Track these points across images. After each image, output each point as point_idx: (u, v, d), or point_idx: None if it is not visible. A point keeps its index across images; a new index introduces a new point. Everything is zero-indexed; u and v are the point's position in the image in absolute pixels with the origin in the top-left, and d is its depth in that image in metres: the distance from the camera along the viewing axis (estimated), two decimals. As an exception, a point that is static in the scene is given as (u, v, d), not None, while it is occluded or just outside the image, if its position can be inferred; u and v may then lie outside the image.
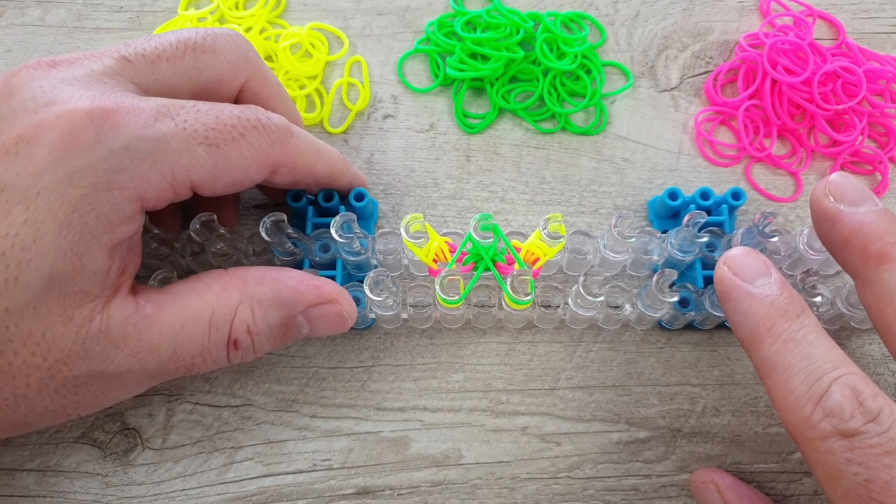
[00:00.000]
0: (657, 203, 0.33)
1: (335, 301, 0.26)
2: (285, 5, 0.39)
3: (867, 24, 0.39)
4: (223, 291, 0.24)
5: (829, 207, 0.24)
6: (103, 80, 0.23)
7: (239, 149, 0.24)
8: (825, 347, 0.22)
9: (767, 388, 0.22)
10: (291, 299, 0.25)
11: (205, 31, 0.26)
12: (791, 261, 0.31)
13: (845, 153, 0.35)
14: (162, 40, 0.25)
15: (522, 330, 0.32)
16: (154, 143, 0.22)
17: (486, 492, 0.29)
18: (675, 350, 0.31)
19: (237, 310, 0.24)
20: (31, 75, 0.23)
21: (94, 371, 0.22)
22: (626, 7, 0.39)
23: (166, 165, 0.22)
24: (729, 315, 0.24)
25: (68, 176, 0.21)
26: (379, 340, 0.31)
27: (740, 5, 0.39)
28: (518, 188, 0.35)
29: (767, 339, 0.22)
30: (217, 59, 0.26)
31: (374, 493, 0.29)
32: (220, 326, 0.24)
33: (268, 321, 0.25)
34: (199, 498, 0.29)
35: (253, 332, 0.24)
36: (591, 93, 0.36)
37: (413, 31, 0.39)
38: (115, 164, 0.21)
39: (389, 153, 0.35)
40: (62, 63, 0.23)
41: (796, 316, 0.23)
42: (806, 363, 0.21)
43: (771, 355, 0.22)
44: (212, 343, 0.24)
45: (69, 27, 0.38)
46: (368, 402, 0.30)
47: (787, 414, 0.21)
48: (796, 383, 0.21)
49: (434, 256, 0.28)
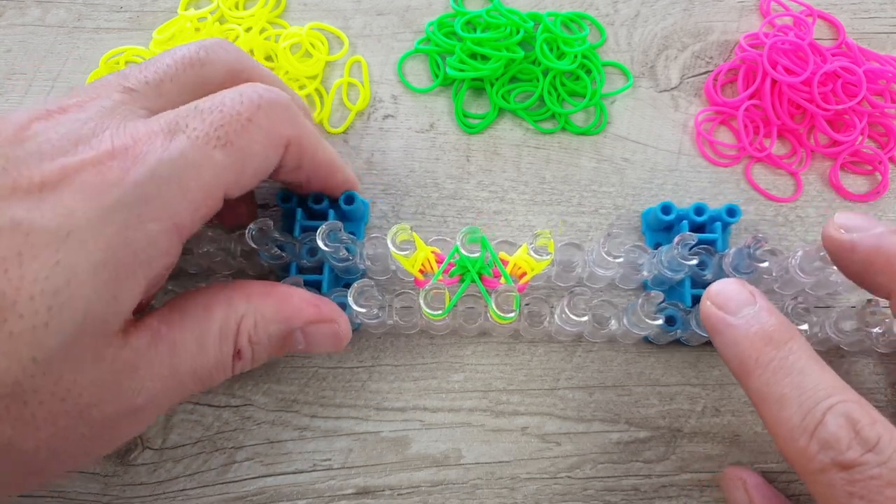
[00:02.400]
0: (650, 215, 0.33)
1: (333, 321, 0.27)
2: (285, 5, 0.39)
3: (867, 24, 0.39)
4: (230, 305, 0.25)
5: (842, 238, 0.24)
6: (115, 115, 0.23)
7: (251, 135, 0.24)
8: (817, 374, 0.21)
9: (762, 418, 0.22)
10: (292, 315, 0.26)
11: (196, 46, 0.27)
12: (782, 281, 0.30)
13: (845, 153, 0.35)
14: (160, 64, 0.26)
15: (519, 332, 0.32)
16: (174, 164, 0.22)
17: (486, 492, 0.29)
18: (676, 350, 0.31)
19: (242, 320, 0.25)
20: (45, 125, 0.22)
21: (124, 408, 0.22)
22: (626, 7, 0.39)
23: (192, 183, 0.22)
24: (719, 349, 0.24)
25: (100, 214, 0.20)
26: (379, 340, 0.31)
27: (740, 5, 0.39)
28: (518, 188, 0.35)
29: (756, 370, 0.22)
30: (214, 68, 0.26)
31: (374, 493, 0.29)
32: (228, 336, 0.24)
33: (268, 332, 0.25)
34: (199, 498, 0.29)
35: (253, 341, 0.25)
36: (591, 93, 0.36)
37: (413, 31, 0.39)
38: (143, 194, 0.21)
39: (389, 153, 0.35)
40: (72, 107, 0.23)
41: (784, 343, 0.22)
42: (798, 392, 0.21)
43: (761, 386, 0.22)
44: (223, 354, 0.24)
45: (69, 27, 0.38)
46: (368, 402, 0.30)
47: (784, 446, 0.21)
48: (789, 414, 0.21)
49: (421, 267, 0.28)
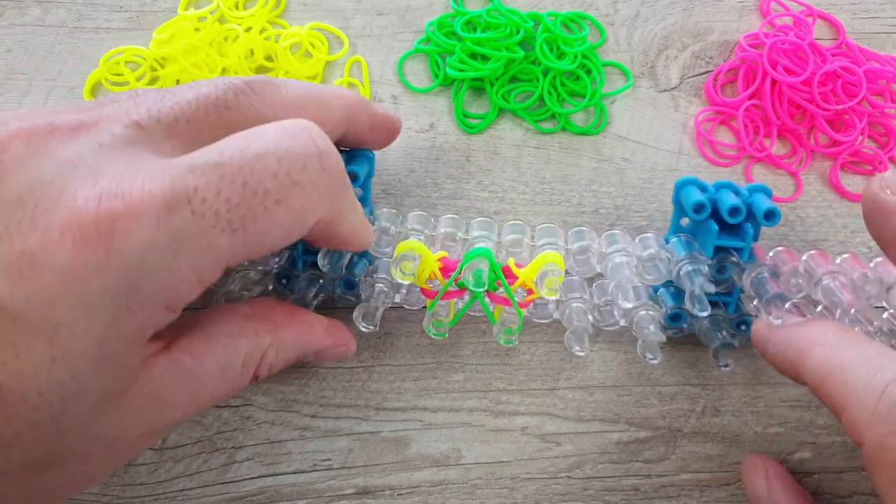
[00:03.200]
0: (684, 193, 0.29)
1: (345, 345, 0.28)
2: (285, 5, 0.39)
3: (867, 24, 0.39)
4: (256, 336, 0.24)
5: (885, 200, 0.23)
6: (113, 154, 0.20)
7: (273, 220, 0.20)
8: (875, 345, 0.22)
9: (823, 395, 0.21)
10: (311, 343, 0.27)
11: (225, 85, 0.22)
12: None
13: (845, 153, 0.35)
14: (179, 99, 0.22)
15: (523, 331, 0.32)
16: (168, 248, 0.19)
17: (486, 492, 0.29)
18: (676, 350, 0.31)
19: (266, 352, 0.25)
20: (26, 150, 0.19)
21: (146, 432, 0.22)
22: (626, 7, 0.39)
23: (187, 270, 0.20)
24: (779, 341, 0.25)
25: (85, 308, 0.18)
26: (379, 340, 0.31)
27: (740, 5, 0.39)
28: (518, 188, 0.35)
29: (815, 347, 0.22)
30: (242, 115, 0.23)
31: (374, 493, 0.29)
32: (251, 367, 0.24)
33: (286, 358, 0.26)
34: (199, 498, 0.29)
35: (273, 369, 0.26)
36: (591, 93, 0.36)
37: (413, 31, 0.39)
38: (130, 284, 0.19)
39: (389, 153, 0.35)
40: (61, 131, 0.20)
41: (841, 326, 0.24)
42: (861, 358, 0.21)
43: (825, 359, 0.22)
44: (243, 380, 0.24)
45: (69, 27, 0.38)
46: (368, 402, 0.30)
47: (850, 413, 0.20)
48: (855, 378, 0.20)
49: (428, 277, 0.28)
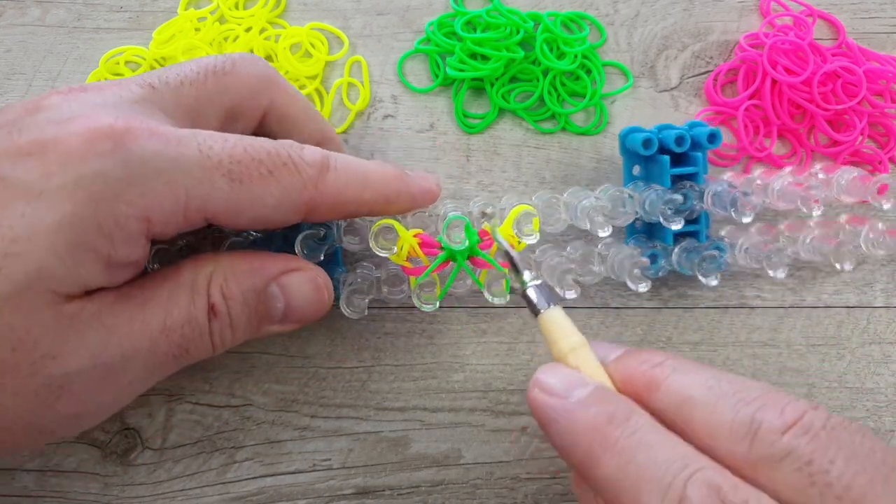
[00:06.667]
0: (630, 141, 0.32)
1: (308, 269, 0.26)
2: (285, 5, 0.39)
3: (867, 24, 0.39)
4: (197, 264, 0.25)
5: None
6: (133, 105, 0.23)
7: (266, 186, 0.23)
8: (669, 445, 0.20)
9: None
10: (262, 265, 0.25)
11: (224, 56, 0.27)
12: None
13: (845, 153, 0.35)
14: (183, 67, 0.26)
15: (522, 330, 0.32)
16: (172, 162, 0.22)
17: (486, 492, 0.29)
18: (676, 350, 0.31)
19: (212, 275, 0.24)
20: (62, 98, 0.23)
21: (91, 363, 0.21)
22: (626, 7, 0.39)
23: (181, 188, 0.22)
24: (557, 442, 0.22)
25: (76, 179, 0.20)
26: (379, 340, 0.31)
27: (740, 5, 0.39)
28: (518, 188, 0.35)
29: (604, 455, 0.20)
30: (238, 80, 0.26)
31: (374, 493, 0.29)
32: (200, 291, 0.24)
33: (241, 287, 0.25)
34: (199, 498, 0.29)
35: (227, 295, 0.24)
36: (591, 93, 0.36)
37: (413, 31, 0.39)
38: (126, 175, 0.21)
39: (389, 153, 0.35)
40: (92, 89, 0.24)
41: (626, 419, 0.21)
42: (652, 470, 0.19)
43: (612, 472, 0.20)
44: (196, 309, 0.24)
45: (69, 27, 0.38)
46: (368, 402, 0.30)
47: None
48: (649, 496, 0.19)
49: (406, 255, 0.28)
